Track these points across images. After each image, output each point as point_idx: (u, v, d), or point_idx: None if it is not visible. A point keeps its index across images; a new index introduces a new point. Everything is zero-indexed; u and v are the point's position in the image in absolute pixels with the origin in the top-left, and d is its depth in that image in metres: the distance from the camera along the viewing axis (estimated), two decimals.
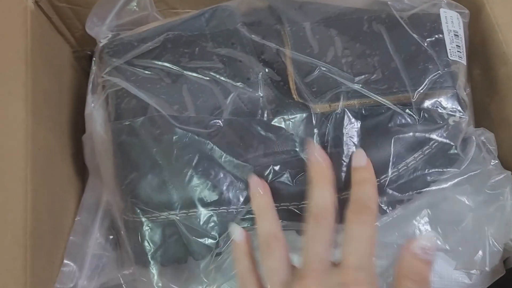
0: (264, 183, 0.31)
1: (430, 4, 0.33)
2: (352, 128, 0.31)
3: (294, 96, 0.32)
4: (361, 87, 0.31)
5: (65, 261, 0.35)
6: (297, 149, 0.32)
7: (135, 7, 0.40)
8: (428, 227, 0.32)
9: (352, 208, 0.28)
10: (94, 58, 0.37)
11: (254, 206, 0.31)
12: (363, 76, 0.31)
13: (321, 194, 0.29)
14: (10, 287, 0.29)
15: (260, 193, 0.31)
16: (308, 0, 0.35)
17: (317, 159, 0.30)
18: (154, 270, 0.33)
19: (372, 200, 0.28)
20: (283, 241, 0.29)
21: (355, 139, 0.31)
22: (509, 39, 0.34)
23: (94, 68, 0.37)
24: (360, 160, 0.30)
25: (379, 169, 0.31)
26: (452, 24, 0.33)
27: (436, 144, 0.31)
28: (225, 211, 0.32)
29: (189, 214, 0.32)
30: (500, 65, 0.35)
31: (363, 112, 0.32)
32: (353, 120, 0.31)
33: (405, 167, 0.31)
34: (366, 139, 0.31)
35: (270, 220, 0.30)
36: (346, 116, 0.31)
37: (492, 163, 0.33)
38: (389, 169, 0.31)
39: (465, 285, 0.35)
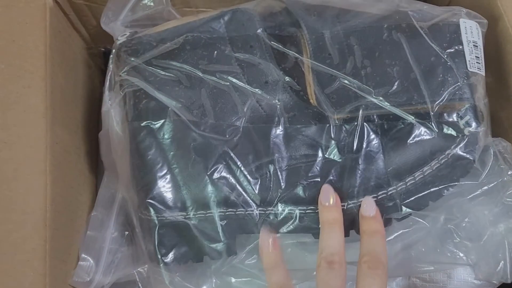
0: (274, 237, 0.32)
1: (450, 13, 0.34)
2: (370, 140, 0.32)
3: (313, 104, 0.33)
4: (380, 100, 0.32)
5: (83, 255, 0.35)
6: (313, 157, 0.32)
7: (149, 2, 0.40)
8: (453, 246, 0.33)
9: (365, 259, 0.29)
10: (111, 55, 0.37)
11: (263, 260, 0.31)
12: (382, 88, 0.32)
13: (333, 238, 0.30)
14: (30, 278, 0.30)
15: (270, 247, 0.31)
16: (327, 5, 0.35)
17: (329, 202, 0.31)
18: (167, 269, 0.33)
19: (384, 253, 0.29)
20: None
21: (374, 151, 0.32)
22: None
23: (111, 65, 0.37)
24: (370, 210, 0.31)
25: (396, 178, 0.32)
26: (472, 34, 0.33)
27: (452, 154, 0.32)
28: (243, 212, 0.32)
29: (207, 215, 0.32)
30: None
31: (382, 124, 0.32)
32: (371, 132, 0.32)
33: (422, 176, 0.32)
34: (384, 151, 0.32)
35: (280, 273, 0.30)
36: (364, 128, 0.32)
37: (509, 173, 0.33)
38: (406, 178, 0.32)
39: (474, 285, 0.36)
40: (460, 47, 0.33)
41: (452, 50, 0.33)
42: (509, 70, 0.36)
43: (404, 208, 0.32)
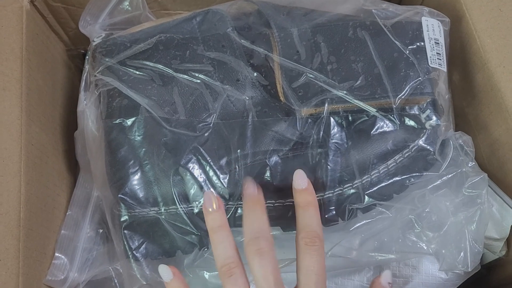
0: (219, 200, 0.30)
1: (413, 12, 0.35)
2: (335, 132, 0.33)
3: (281, 99, 0.34)
4: (345, 93, 0.33)
5: (56, 254, 0.36)
6: (280, 150, 0.33)
7: (127, 7, 0.41)
8: (414, 236, 0.33)
9: (302, 236, 0.29)
10: (87, 57, 0.38)
11: (207, 220, 0.30)
12: (347, 83, 0.33)
13: (257, 221, 0.29)
14: (3, 277, 0.30)
15: (214, 209, 0.30)
16: (296, 6, 0.36)
17: (250, 189, 0.30)
18: (138, 264, 0.34)
19: (318, 225, 0.29)
20: (242, 266, 0.29)
21: (339, 143, 0.33)
22: (486, 45, 0.36)
23: (87, 66, 0.37)
24: (302, 182, 0.30)
25: (361, 171, 0.32)
26: (433, 32, 0.34)
27: (415, 147, 0.33)
28: None
29: (178, 210, 0.33)
30: (477, 70, 0.37)
31: (347, 117, 0.33)
32: (336, 125, 0.33)
33: (386, 169, 0.33)
34: (349, 143, 0.33)
35: (226, 242, 0.29)
36: (330, 121, 0.33)
37: (469, 165, 0.34)
38: (370, 171, 0.32)
39: (442, 280, 0.36)
40: (422, 43, 0.34)
41: (414, 47, 0.34)
42: (474, 69, 0.37)
43: (367, 198, 0.33)
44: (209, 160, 0.33)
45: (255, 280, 0.28)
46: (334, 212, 0.33)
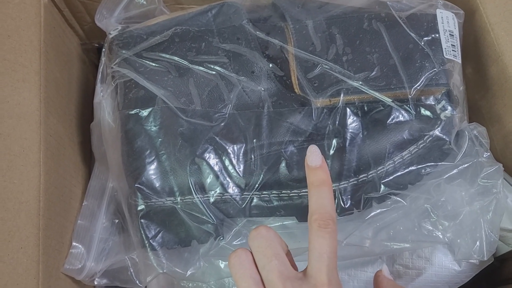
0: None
1: (427, 4, 0.35)
2: (351, 122, 0.33)
3: (296, 90, 0.34)
4: (360, 84, 0.33)
5: (74, 243, 0.36)
6: (296, 140, 0.33)
7: (142, 1, 0.41)
8: (430, 225, 0.33)
9: (316, 217, 0.27)
10: (103, 49, 0.38)
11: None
12: (362, 73, 0.33)
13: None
14: (24, 265, 0.31)
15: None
16: None
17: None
18: (155, 253, 0.34)
19: (332, 206, 0.28)
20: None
21: (354, 132, 0.33)
22: (500, 38, 0.36)
23: (103, 58, 0.38)
24: (316, 158, 0.29)
25: (376, 161, 0.33)
26: (448, 24, 0.35)
27: (430, 138, 0.33)
28: (229, 196, 0.33)
29: (194, 200, 0.33)
30: (491, 63, 0.37)
31: (362, 107, 0.33)
32: (352, 115, 0.33)
33: (401, 160, 0.33)
34: (364, 133, 0.33)
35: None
36: (345, 111, 0.33)
37: (484, 156, 0.34)
38: (386, 161, 0.33)
39: (455, 271, 0.37)
40: (437, 35, 0.34)
41: (429, 38, 0.34)
42: (488, 62, 0.37)
43: (382, 187, 0.33)
44: (225, 150, 0.33)
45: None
46: (349, 201, 0.33)
